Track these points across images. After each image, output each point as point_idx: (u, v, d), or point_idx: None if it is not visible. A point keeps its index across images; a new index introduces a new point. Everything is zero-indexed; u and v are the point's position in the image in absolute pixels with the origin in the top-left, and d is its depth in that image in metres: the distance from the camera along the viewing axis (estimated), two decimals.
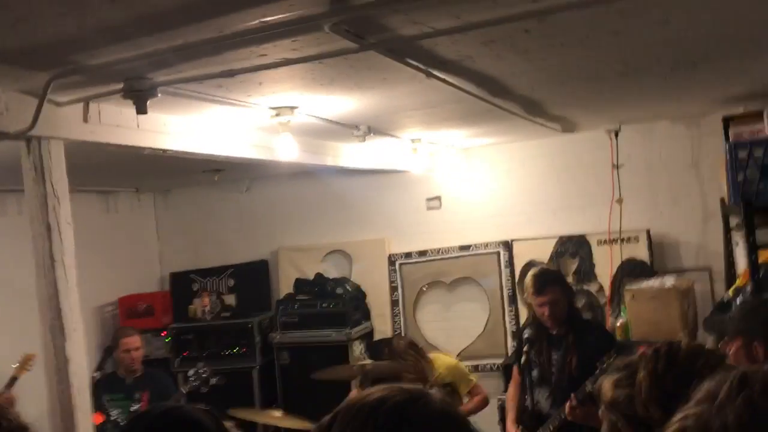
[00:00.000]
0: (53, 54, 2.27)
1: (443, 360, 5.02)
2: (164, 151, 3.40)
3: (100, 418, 4.54)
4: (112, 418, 4.77)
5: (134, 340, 4.97)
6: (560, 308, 3.96)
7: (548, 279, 4.02)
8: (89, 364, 3.92)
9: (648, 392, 1.77)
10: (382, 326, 6.60)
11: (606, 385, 2.15)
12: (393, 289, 6.64)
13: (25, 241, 3.20)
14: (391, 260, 6.64)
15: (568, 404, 3.61)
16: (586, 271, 6.04)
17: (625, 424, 1.92)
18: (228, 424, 1.50)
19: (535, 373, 4.02)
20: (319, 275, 6.55)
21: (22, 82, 2.52)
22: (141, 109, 2.62)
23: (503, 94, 3.80)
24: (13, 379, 4.60)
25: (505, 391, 5.79)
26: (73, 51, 2.26)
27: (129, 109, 2.99)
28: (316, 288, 6.42)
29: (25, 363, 4.62)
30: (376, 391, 1.14)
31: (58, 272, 2.71)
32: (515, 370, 4.25)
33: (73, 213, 2.83)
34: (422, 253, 6.54)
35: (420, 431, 1.07)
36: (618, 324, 5.55)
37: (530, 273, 4.15)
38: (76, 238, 2.83)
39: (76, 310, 2.78)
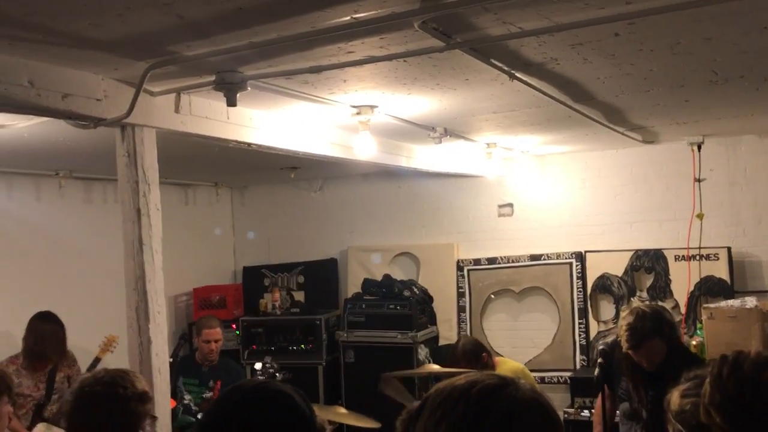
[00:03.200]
0: (153, 44, 2.37)
1: (509, 365, 4.96)
2: (249, 144, 3.50)
3: (172, 404, 4.66)
4: (185, 402, 4.87)
5: (216, 333, 5.05)
6: (659, 356, 3.59)
7: (645, 334, 3.55)
8: None
9: (710, 396, 1.73)
10: (448, 332, 6.57)
11: (674, 395, 2.10)
12: (460, 294, 6.62)
13: (108, 227, 3.33)
14: (460, 266, 6.62)
15: None
16: (662, 287, 5.88)
17: None
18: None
19: (626, 405, 3.76)
20: (387, 276, 6.59)
21: (121, 71, 2.65)
22: (231, 102, 2.71)
23: (585, 100, 3.75)
24: (97, 360, 4.77)
25: (571, 405, 5.72)
26: (172, 42, 2.36)
27: (218, 102, 3.11)
28: (383, 289, 6.45)
29: (108, 344, 4.79)
30: (466, 375, 1.15)
31: (146, 256, 2.82)
32: (607, 388, 4.04)
33: None
34: (491, 260, 6.50)
35: (509, 415, 1.08)
36: (693, 343, 5.38)
37: (624, 321, 3.62)
38: None
39: (161, 294, 2.89)
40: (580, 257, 6.17)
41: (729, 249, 5.65)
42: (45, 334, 4.66)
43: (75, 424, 2.24)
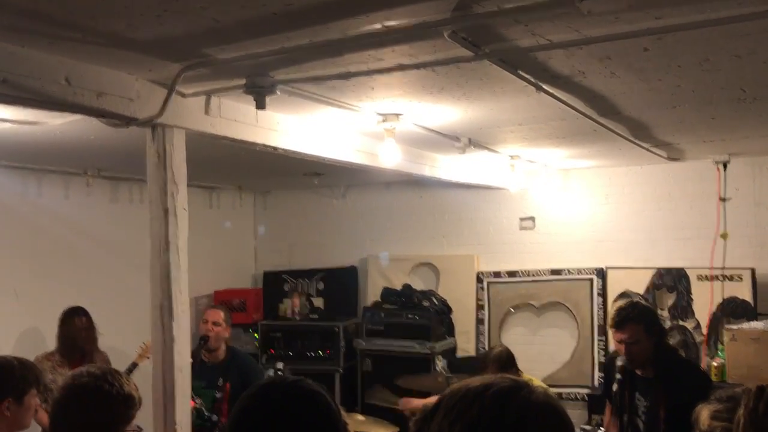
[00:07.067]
0: (187, 46, 2.42)
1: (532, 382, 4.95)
2: (275, 148, 3.54)
3: (191, 403, 4.61)
4: (197, 406, 4.76)
5: (215, 314, 4.65)
6: (640, 348, 3.56)
7: (630, 315, 3.57)
8: None
9: (744, 429, 1.70)
10: (466, 344, 6.56)
11: (704, 413, 2.09)
12: (479, 307, 6.60)
13: (134, 226, 3.34)
14: (480, 278, 6.61)
15: None
16: (683, 307, 5.82)
17: None
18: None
19: (625, 417, 3.70)
20: (407, 286, 6.60)
21: (155, 72, 2.70)
22: (261, 105, 2.75)
23: (611, 114, 3.75)
24: (134, 365, 4.81)
25: (588, 422, 5.67)
26: (206, 45, 2.40)
27: (247, 105, 3.15)
28: (402, 298, 6.47)
29: (146, 351, 4.78)
30: (480, 378, 1.17)
31: (172, 255, 2.86)
32: (608, 402, 4.02)
33: None
34: (512, 274, 6.48)
35: (523, 418, 1.10)
36: (714, 364, 5.32)
37: (616, 303, 3.75)
38: None
39: (185, 293, 2.93)
40: (602, 273, 6.14)
41: (753, 270, 5.58)
42: (76, 326, 4.76)
43: (55, 412, 2.20)
